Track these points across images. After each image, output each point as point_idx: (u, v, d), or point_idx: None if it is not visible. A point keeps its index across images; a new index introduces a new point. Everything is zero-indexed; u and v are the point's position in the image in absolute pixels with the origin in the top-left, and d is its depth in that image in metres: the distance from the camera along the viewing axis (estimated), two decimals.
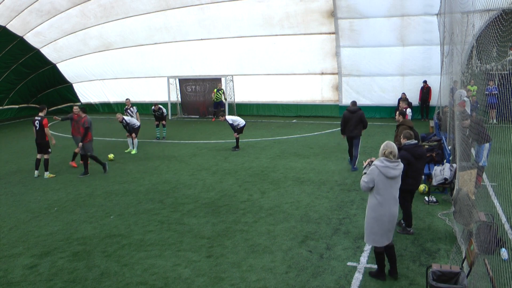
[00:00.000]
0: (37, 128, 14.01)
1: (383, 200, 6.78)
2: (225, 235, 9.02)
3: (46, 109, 14.86)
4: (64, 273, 7.60)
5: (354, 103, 14.43)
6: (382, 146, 7.01)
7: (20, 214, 10.71)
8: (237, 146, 17.26)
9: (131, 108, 18.70)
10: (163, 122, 20.03)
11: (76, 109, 15.22)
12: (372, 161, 7.15)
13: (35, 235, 9.36)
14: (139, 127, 17.49)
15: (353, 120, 13.79)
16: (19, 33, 26.21)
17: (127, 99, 19.87)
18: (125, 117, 17.19)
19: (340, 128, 14.24)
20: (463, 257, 6.70)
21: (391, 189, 6.85)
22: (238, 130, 17.09)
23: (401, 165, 6.98)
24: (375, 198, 6.80)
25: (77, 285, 7.16)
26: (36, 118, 14.07)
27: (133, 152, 17.45)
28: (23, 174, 14.55)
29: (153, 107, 19.99)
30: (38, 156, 14.27)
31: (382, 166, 6.77)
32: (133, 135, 17.37)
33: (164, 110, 20.07)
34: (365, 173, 6.99)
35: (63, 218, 10.31)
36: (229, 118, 17.26)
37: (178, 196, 11.72)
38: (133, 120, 17.42)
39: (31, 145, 19.69)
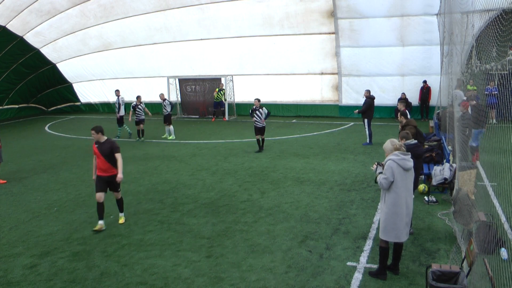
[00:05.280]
0: None
1: (401, 192, 6.86)
2: (225, 235, 9.02)
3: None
4: (64, 273, 7.60)
5: (369, 91, 18.24)
6: (389, 143, 7.15)
7: (20, 214, 10.72)
8: (262, 147, 16.84)
9: (141, 105, 19.86)
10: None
11: None
12: (378, 163, 7.26)
13: (35, 235, 9.36)
14: (170, 115, 20.17)
15: (373, 106, 17.89)
16: (19, 33, 26.24)
17: (138, 96, 20.50)
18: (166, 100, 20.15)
19: (361, 109, 17.74)
20: (463, 257, 6.71)
21: (407, 181, 6.94)
22: (258, 129, 16.63)
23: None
24: (395, 192, 6.85)
25: (77, 285, 7.16)
26: None
27: (170, 137, 19.97)
28: (23, 174, 14.55)
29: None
30: None
31: (399, 159, 6.87)
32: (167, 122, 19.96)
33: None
34: (380, 172, 7.05)
35: (63, 218, 10.32)
36: (265, 110, 16.81)
37: (178, 196, 11.73)
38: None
39: (31, 145, 19.76)
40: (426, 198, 10.64)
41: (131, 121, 20.93)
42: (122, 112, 20.36)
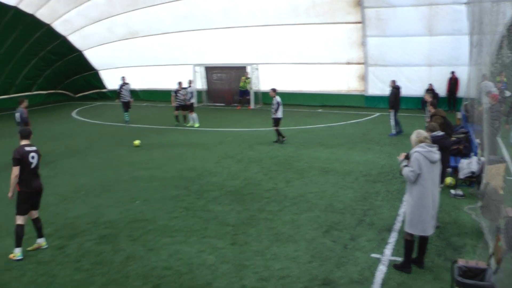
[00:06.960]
0: None
1: (427, 185, 6.76)
2: (249, 223, 9.07)
3: None
4: (91, 255, 7.78)
5: (395, 81, 18.12)
6: (414, 135, 7.03)
7: (49, 196, 10.89)
8: (282, 136, 16.42)
9: (182, 91, 20.54)
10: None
11: None
12: (406, 154, 7.09)
13: (63, 217, 9.58)
14: (192, 104, 20.40)
15: (399, 96, 17.64)
16: (47, 21, 26.56)
17: (179, 82, 20.91)
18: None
19: (390, 100, 17.43)
20: (490, 253, 6.61)
21: (433, 174, 6.85)
22: (276, 120, 16.23)
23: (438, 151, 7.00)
24: (421, 185, 6.76)
25: (104, 267, 7.32)
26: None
27: (196, 125, 20.19)
28: (51, 158, 14.76)
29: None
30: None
31: (425, 151, 6.78)
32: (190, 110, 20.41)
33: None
34: (405, 165, 6.94)
35: (90, 202, 10.51)
36: (279, 99, 16.17)
37: (203, 183, 11.82)
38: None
39: (59, 130, 20.14)
40: (452, 191, 10.50)
41: (174, 106, 20.88)
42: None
